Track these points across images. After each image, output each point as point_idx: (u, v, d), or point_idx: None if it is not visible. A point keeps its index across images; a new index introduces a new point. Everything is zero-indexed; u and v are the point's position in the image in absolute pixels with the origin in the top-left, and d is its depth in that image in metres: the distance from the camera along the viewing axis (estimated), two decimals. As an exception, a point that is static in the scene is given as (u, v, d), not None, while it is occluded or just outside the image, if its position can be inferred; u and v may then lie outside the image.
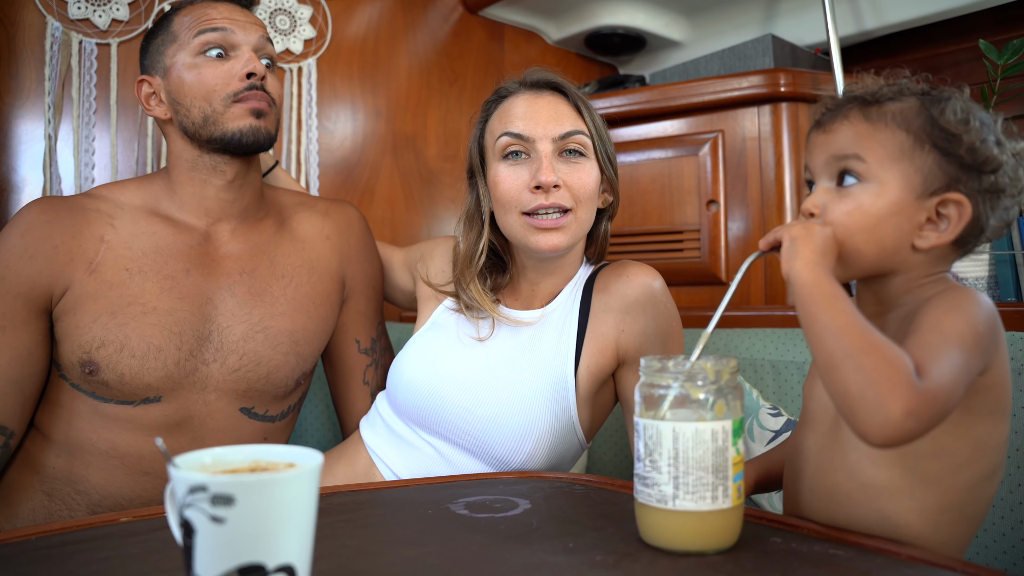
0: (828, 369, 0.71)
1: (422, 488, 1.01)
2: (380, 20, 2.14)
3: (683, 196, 1.89)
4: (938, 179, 0.79)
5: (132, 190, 1.30)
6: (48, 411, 1.25)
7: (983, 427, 0.78)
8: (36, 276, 1.20)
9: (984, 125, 0.81)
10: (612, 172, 1.23)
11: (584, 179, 1.17)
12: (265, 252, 1.33)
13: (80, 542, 0.80)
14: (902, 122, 0.80)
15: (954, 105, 0.81)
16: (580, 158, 1.18)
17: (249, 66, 1.24)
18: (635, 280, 1.21)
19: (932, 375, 0.68)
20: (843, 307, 0.72)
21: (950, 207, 0.79)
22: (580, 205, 1.17)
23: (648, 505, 0.76)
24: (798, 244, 0.77)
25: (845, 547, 0.75)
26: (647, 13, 2.26)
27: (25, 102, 1.69)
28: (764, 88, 1.81)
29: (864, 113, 0.82)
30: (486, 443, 1.18)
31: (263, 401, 1.30)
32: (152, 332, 1.20)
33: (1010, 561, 1.15)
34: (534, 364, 1.20)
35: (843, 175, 0.82)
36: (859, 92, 0.84)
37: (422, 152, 2.19)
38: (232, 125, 1.24)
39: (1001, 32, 1.87)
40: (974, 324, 0.73)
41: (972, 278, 1.65)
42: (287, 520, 0.58)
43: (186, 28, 1.25)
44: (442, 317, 1.31)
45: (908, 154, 0.79)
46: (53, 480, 1.24)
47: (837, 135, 0.83)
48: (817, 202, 0.82)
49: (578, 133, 1.17)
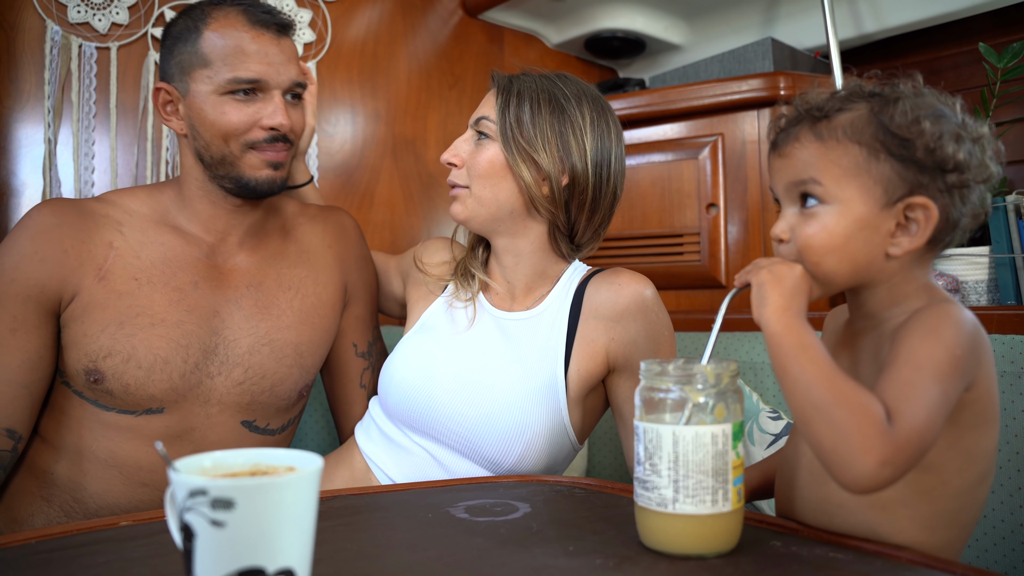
0: (801, 422, 0.72)
1: (422, 492, 1.01)
2: (380, 23, 2.14)
3: (683, 199, 1.89)
4: (899, 186, 0.78)
5: (142, 198, 1.29)
6: (49, 416, 1.25)
7: (972, 438, 0.77)
8: (46, 280, 1.19)
9: (938, 120, 0.78)
10: (525, 157, 1.20)
11: (477, 159, 1.24)
12: (272, 264, 1.33)
13: (80, 546, 0.80)
14: (853, 135, 0.79)
15: (903, 107, 0.78)
16: (484, 140, 1.25)
17: (275, 120, 1.21)
18: (626, 288, 1.22)
19: (905, 419, 0.68)
20: (812, 357, 0.72)
21: (917, 211, 0.78)
22: (474, 182, 1.24)
23: (648, 508, 0.76)
24: (765, 290, 0.77)
25: (845, 550, 0.75)
26: (647, 16, 2.26)
27: (25, 106, 1.69)
28: (764, 91, 1.81)
29: (814, 132, 0.81)
30: (477, 444, 1.18)
31: (265, 414, 1.30)
32: (159, 344, 1.20)
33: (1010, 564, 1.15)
34: (524, 366, 1.21)
35: (805, 197, 0.81)
36: (808, 105, 0.82)
37: (422, 155, 2.19)
38: (248, 173, 1.23)
39: (1001, 35, 1.88)
40: (951, 350, 0.72)
41: (972, 281, 1.65)
42: (287, 524, 0.58)
43: (219, 59, 1.20)
44: (431, 319, 1.31)
45: (864, 167, 0.78)
46: (51, 486, 1.24)
47: (791, 159, 0.82)
48: (785, 227, 0.82)
49: (482, 118, 1.25)
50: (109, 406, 1.21)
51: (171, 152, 1.82)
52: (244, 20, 1.22)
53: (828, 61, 1.86)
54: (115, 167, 1.77)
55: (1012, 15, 1.84)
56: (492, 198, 1.24)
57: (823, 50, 2.03)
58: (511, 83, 1.25)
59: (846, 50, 2.04)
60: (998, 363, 1.21)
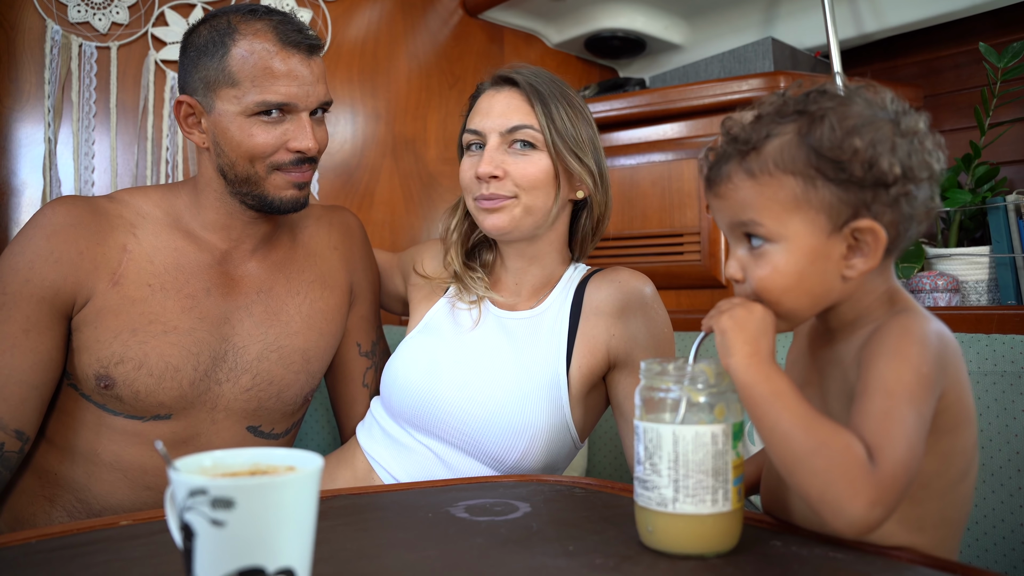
0: (785, 473, 0.71)
1: (422, 491, 1.01)
2: (380, 23, 2.14)
3: (683, 199, 1.89)
4: (842, 210, 0.74)
5: (156, 200, 1.27)
6: (55, 418, 1.25)
7: (948, 441, 0.77)
8: (61, 282, 1.17)
9: (869, 130, 0.74)
10: (578, 166, 1.23)
11: (527, 169, 1.22)
12: (282, 270, 1.33)
13: (80, 545, 0.80)
14: (785, 165, 0.75)
15: (830, 123, 0.74)
16: (529, 149, 1.23)
17: (303, 144, 1.19)
18: (626, 286, 1.23)
19: (886, 456, 0.67)
20: (786, 404, 0.71)
21: (865, 233, 0.74)
22: (524, 192, 1.22)
23: (648, 508, 0.76)
24: (728, 338, 0.75)
25: (844, 550, 0.75)
26: (647, 16, 2.26)
27: (25, 106, 1.69)
28: (764, 91, 1.81)
29: (745, 168, 0.76)
30: (480, 442, 1.19)
31: (270, 420, 1.31)
32: (171, 352, 1.20)
33: (1010, 564, 1.15)
34: (526, 364, 1.21)
35: (750, 236, 0.78)
36: (733, 135, 0.78)
37: (422, 155, 2.20)
38: (273, 193, 1.22)
39: (1001, 35, 1.88)
40: (917, 369, 0.71)
41: (972, 281, 1.65)
42: (287, 523, 0.58)
43: (247, 79, 1.16)
44: (434, 319, 1.32)
45: (804, 198, 0.74)
46: (55, 487, 1.24)
47: (727, 200, 0.78)
48: (736, 267, 0.79)
49: (525, 127, 1.22)
50: (117, 411, 1.21)
51: (171, 152, 1.82)
52: (274, 38, 1.18)
53: (828, 61, 1.86)
54: (115, 167, 1.77)
55: (1012, 15, 1.84)
56: (543, 207, 1.24)
57: (823, 50, 2.03)
58: (533, 87, 1.24)
59: (846, 50, 2.04)
60: (998, 363, 1.21)
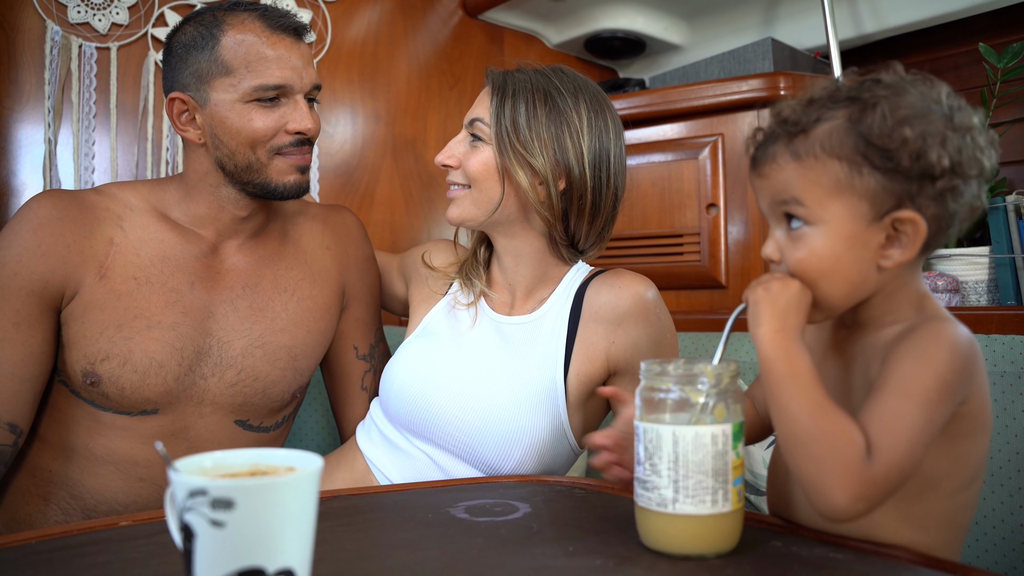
0: (785, 451, 0.74)
1: (422, 492, 1.01)
2: (380, 23, 2.14)
3: (683, 200, 1.89)
4: (886, 199, 0.74)
5: (144, 193, 1.27)
6: (46, 414, 1.25)
7: (963, 446, 0.77)
8: (49, 275, 1.18)
9: (921, 122, 0.73)
10: (515, 161, 1.19)
11: (470, 160, 1.23)
12: (269, 266, 1.32)
13: (80, 546, 0.80)
14: (832, 150, 0.74)
15: (882, 111, 0.73)
16: (478, 142, 1.24)
17: (302, 124, 1.20)
18: (627, 291, 1.20)
19: (884, 454, 0.69)
20: (801, 386, 0.72)
21: (905, 224, 0.74)
22: (473, 183, 1.23)
23: (648, 509, 0.76)
24: (759, 308, 0.75)
25: (844, 550, 0.75)
26: (647, 17, 2.26)
27: (25, 106, 1.69)
28: (764, 91, 1.81)
29: (791, 150, 0.76)
30: (476, 449, 1.18)
31: (258, 414, 1.30)
32: (155, 347, 1.20)
33: (1010, 564, 1.15)
34: (524, 370, 1.20)
35: (790, 217, 0.78)
36: (783, 118, 0.78)
37: (422, 155, 2.19)
38: (276, 179, 1.22)
39: (1001, 35, 1.87)
40: (941, 376, 0.71)
41: (972, 281, 1.65)
42: (287, 524, 0.58)
43: (241, 66, 1.18)
44: (432, 323, 1.31)
45: (847, 184, 0.74)
46: (49, 484, 1.24)
47: (770, 180, 0.78)
48: (774, 248, 0.79)
49: (477, 120, 1.24)
50: (105, 407, 1.21)
51: (171, 152, 1.82)
52: (262, 25, 1.20)
53: (828, 61, 1.86)
54: (115, 167, 1.77)
55: (1012, 15, 1.84)
56: (488, 200, 1.22)
57: (823, 50, 2.03)
58: (505, 81, 1.23)
59: (846, 50, 2.04)
60: (998, 363, 1.21)
